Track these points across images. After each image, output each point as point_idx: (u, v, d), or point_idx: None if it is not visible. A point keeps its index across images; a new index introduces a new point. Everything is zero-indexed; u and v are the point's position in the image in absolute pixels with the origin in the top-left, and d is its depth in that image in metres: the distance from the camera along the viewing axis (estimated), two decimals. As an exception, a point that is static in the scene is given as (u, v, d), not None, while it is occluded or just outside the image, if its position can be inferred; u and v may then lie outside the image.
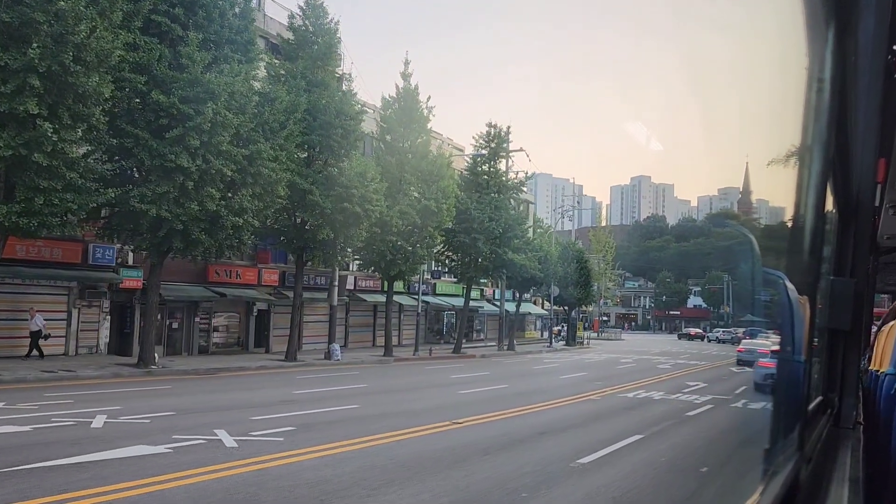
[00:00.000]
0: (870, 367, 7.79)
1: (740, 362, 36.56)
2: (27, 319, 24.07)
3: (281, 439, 11.14)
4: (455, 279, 44.14)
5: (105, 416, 12.75)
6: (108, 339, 27.16)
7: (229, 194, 22.70)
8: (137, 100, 21.05)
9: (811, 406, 2.90)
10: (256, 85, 23.78)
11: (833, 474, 2.47)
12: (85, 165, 18.88)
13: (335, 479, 8.60)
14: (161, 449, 9.93)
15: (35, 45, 16.24)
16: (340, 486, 8.26)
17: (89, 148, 20.14)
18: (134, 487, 7.70)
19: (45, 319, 24.43)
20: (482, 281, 47.04)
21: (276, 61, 28.90)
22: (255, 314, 33.73)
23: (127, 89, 20.59)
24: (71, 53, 16.85)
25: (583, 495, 8.39)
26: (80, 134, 18.70)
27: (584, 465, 10.19)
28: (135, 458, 9.22)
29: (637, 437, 13.00)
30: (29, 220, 17.81)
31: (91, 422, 12.04)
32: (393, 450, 10.60)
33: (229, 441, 10.79)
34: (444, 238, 38.03)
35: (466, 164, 42.80)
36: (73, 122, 17.87)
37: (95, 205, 19.76)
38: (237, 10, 23.67)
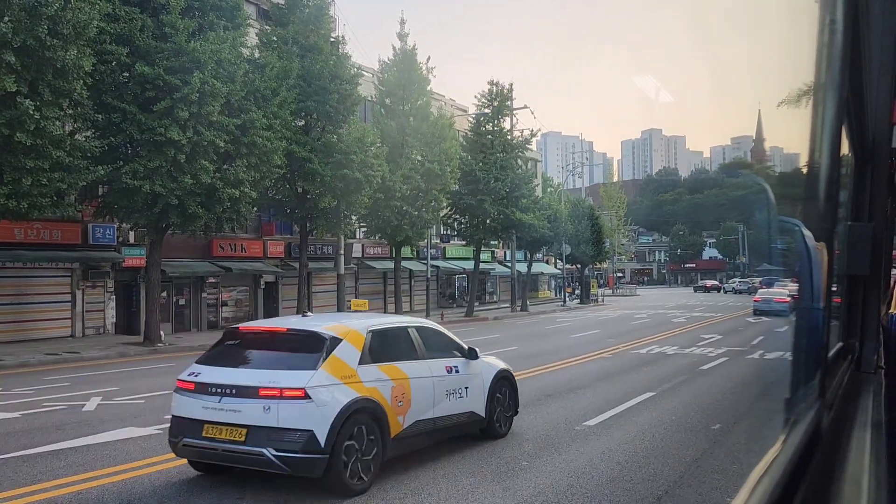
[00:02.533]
0: (890, 311, 7.33)
1: (757, 312, 36.03)
2: (31, 304, 23.95)
3: (276, 414, 10.76)
4: (464, 242, 43.64)
5: (100, 398, 12.46)
6: (114, 319, 27.00)
7: (224, 166, 22.20)
8: (125, 73, 20.49)
9: (831, 353, 2.85)
10: (245, 52, 23.07)
11: (855, 419, 2.44)
12: (72, 143, 18.40)
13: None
14: (150, 431, 9.59)
15: (6, 18, 15.66)
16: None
17: (75, 125, 19.65)
18: (109, 475, 7.33)
19: (49, 302, 24.30)
20: (492, 243, 46.53)
21: (267, 28, 28.15)
22: (263, 287, 33.49)
23: (113, 62, 20.03)
24: (46, 26, 16.25)
25: (585, 461, 7.94)
26: (63, 110, 18.19)
27: (589, 427, 9.75)
28: (119, 442, 8.87)
29: (648, 395, 12.56)
30: (18, 203, 17.41)
31: (84, 405, 11.74)
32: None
33: (223, 419, 10.42)
34: (450, 201, 37.48)
35: (470, 124, 41.97)
36: (54, 98, 17.35)
37: (86, 183, 19.31)
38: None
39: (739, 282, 75.56)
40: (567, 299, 54.19)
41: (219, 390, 6.54)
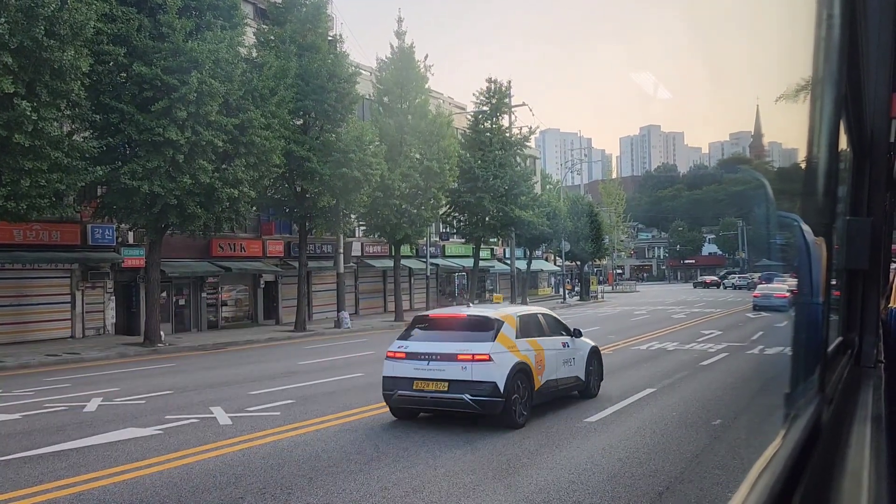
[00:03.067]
0: (889, 305, 7.32)
1: (756, 307, 36.02)
2: (31, 305, 23.97)
3: (277, 414, 10.79)
4: (463, 240, 43.62)
5: (100, 398, 12.46)
6: (114, 320, 27.00)
7: (223, 166, 22.19)
8: (123, 73, 20.48)
9: (831, 347, 2.84)
10: (243, 51, 23.06)
11: (855, 414, 2.43)
12: (70, 144, 18.39)
13: (325, 454, 8.20)
14: (151, 431, 9.59)
15: (3, 19, 15.61)
16: (330, 461, 7.86)
17: (73, 126, 19.65)
18: (111, 475, 7.33)
19: (49, 303, 24.35)
20: (492, 240, 46.50)
21: (264, 27, 28.14)
22: (263, 286, 33.48)
23: (110, 63, 20.03)
24: (42, 27, 16.24)
25: (586, 458, 7.94)
26: (61, 111, 18.17)
27: (590, 424, 9.76)
28: (120, 443, 8.86)
29: (648, 391, 12.57)
30: (17, 204, 17.41)
31: (84, 406, 11.74)
32: (390, 419, 10.19)
33: (224, 419, 10.44)
34: (449, 199, 37.48)
35: (468, 122, 41.94)
36: (52, 99, 17.34)
37: (85, 184, 19.31)
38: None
39: (739, 277, 75.47)
40: (567, 296, 54.16)
41: (426, 356, 9.54)
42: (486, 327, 9.83)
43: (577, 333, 11.62)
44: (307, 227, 29.06)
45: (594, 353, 12.06)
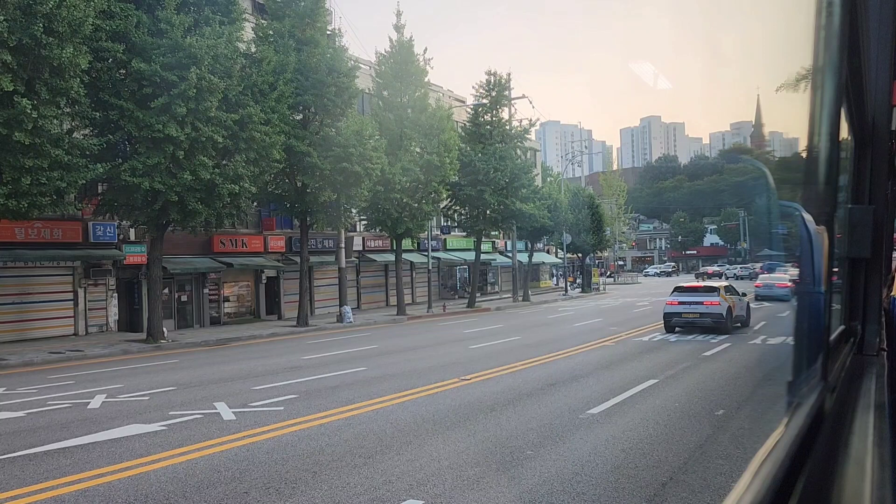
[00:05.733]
0: (892, 293, 7.32)
1: (758, 297, 35.99)
2: (33, 303, 23.99)
3: (281, 408, 10.82)
4: (465, 233, 43.59)
5: (104, 395, 12.49)
6: (117, 317, 27.03)
7: (223, 161, 22.16)
8: (122, 70, 20.42)
9: (833, 336, 2.83)
10: (241, 46, 23.00)
11: (858, 401, 2.41)
12: (70, 141, 18.35)
13: (329, 448, 8.22)
14: (155, 427, 9.62)
15: (1, 17, 15.57)
16: (334, 456, 7.88)
17: (73, 123, 19.63)
18: (116, 472, 7.36)
19: (52, 301, 24.38)
20: (493, 233, 46.46)
21: (262, 21, 28.06)
22: (265, 281, 33.50)
23: (109, 60, 19.98)
24: (41, 24, 16.21)
25: (590, 450, 7.96)
26: (61, 109, 18.15)
27: (593, 416, 9.77)
28: (124, 439, 8.89)
29: (651, 382, 12.59)
30: (18, 202, 17.38)
31: (89, 402, 11.78)
32: (394, 413, 10.22)
33: (227, 414, 10.47)
34: (449, 192, 37.44)
35: (468, 115, 41.85)
36: (51, 96, 17.31)
37: (85, 181, 19.27)
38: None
39: (741, 267, 75.26)
40: (569, 288, 54.15)
41: (688, 303, 21.43)
42: (714, 289, 21.21)
43: (743, 294, 22.76)
44: (308, 221, 29.04)
45: (748, 305, 23.12)
